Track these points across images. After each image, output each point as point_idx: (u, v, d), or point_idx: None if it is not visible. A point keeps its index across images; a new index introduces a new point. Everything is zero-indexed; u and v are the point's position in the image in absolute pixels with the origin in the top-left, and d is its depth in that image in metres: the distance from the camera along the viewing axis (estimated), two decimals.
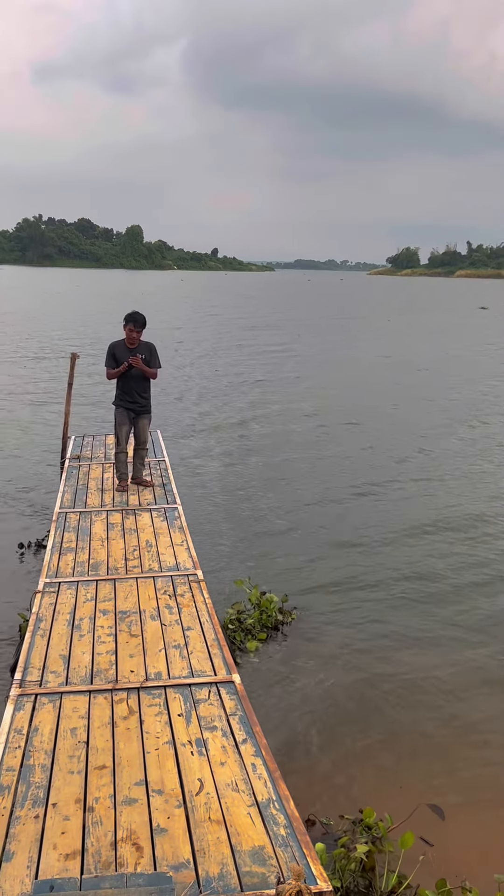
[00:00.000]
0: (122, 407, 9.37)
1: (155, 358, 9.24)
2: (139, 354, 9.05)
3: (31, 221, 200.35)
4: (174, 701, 4.77)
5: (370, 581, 9.09)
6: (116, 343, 9.23)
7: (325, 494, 12.53)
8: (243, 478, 13.54)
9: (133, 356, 9.01)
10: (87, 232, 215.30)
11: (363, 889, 4.40)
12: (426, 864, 4.55)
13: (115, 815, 3.68)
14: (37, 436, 16.16)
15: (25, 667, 5.21)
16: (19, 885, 3.20)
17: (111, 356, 9.20)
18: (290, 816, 3.67)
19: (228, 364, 28.25)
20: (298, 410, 19.71)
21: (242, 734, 4.41)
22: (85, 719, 4.56)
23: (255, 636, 7.52)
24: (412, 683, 6.88)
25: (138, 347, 9.11)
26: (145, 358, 9.09)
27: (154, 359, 9.22)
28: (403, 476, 13.79)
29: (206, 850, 3.42)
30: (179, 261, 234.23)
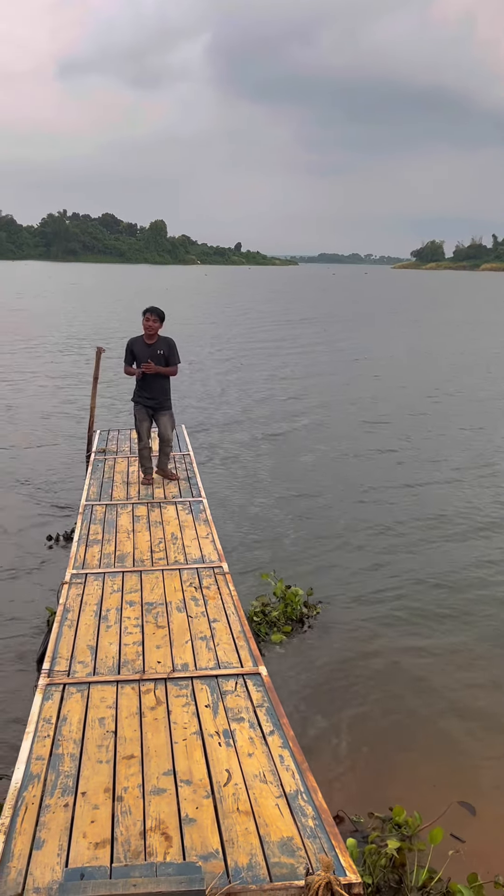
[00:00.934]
0: (139, 403, 9.27)
1: (174, 353, 9.08)
2: (159, 350, 8.91)
3: (56, 217, 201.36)
4: (201, 692, 4.78)
5: (397, 575, 9.05)
6: (134, 339, 9.08)
7: (353, 490, 12.49)
8: (269, 471, 13.53)
9: (146, 362, 8.89)
10: (111, 227, 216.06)
11: (394, 885, 4.38)
12: (457, 860, 4.52)
13: (144, 804, 3.70)
14: (64, 429, 16.26)
15: (53, 657, 5.24)
16: (50, 872, 3.22)
17: (129, 352, 9.06)
18: (319, 808, 3.66)
19: (265, 359, 28.06)
20: (332, 405, 19.59)
21: (270, 726, 4.41)
22: (113, 709, 4.58)
23: (280, 629, 7.52)
24: (441, 679, 6.84)
25: (157, 343, 8.97)
26: (164, 353, 8.94)
27: (173, 354, 9.07)
28: (434, 473, 13.70)
29: (234, 841, 3.43)
30: (203, 255, 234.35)
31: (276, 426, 17.19)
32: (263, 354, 29.45)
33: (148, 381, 9.09)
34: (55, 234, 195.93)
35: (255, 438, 16.02)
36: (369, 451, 15.01)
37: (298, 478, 13.15)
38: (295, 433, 16.55)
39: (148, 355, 8.91)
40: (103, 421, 14.23)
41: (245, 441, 15.79)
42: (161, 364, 9.00)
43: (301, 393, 21.28)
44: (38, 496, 11.76)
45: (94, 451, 11.07)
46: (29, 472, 12.97)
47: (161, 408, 9.24)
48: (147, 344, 8.96)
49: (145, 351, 8.91)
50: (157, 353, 8.94)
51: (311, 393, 21.24)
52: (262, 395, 20.82)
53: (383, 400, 20.40)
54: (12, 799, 3.72)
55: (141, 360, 8.91)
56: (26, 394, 20.25)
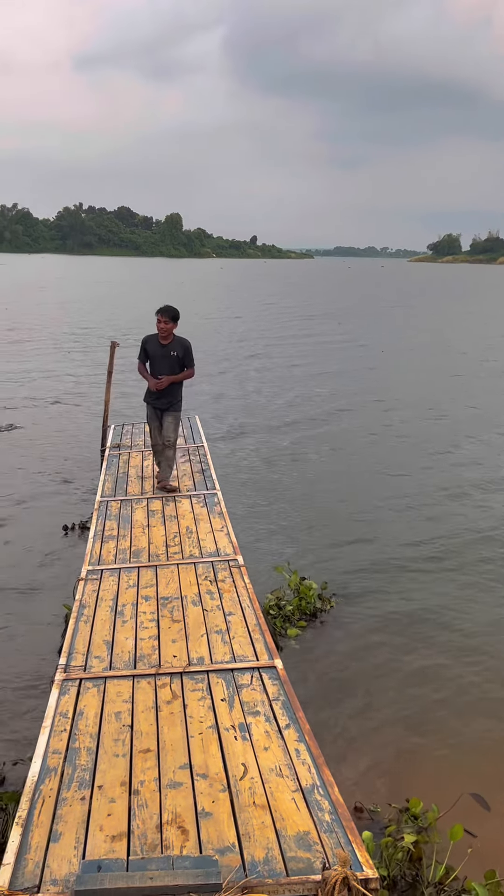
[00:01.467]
0: (149, 404, 8.92)
1: (189, 356, 8.69)
2: (173, 351, 8.57)
3: (72, 210, 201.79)
4: (217, 686, 4.79)
5: (411, 569, 9.03)
6: (149, 337, 8.74)
7: (368, 483, 12.48)
8: (285, 464, 13.52)
9: (158, 378, 8.60)
10: (126, 220, 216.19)
11: (410, 879, 4.37)
12: (474, 856, 4.51)
13: (160, 798, 3.71)
14: (80, 422, 16.32)
15: (70, 652, 5.27)
16: (67, 864, 3.24)
17: (143, 350, 8.74)
18: (335, 802, 3.66)
19: (292, 354, 27.87)
20: (355, 401, 19.49)
21: (285, 719, 4.41)
22: (129, 703, 4.60)
23: (295, 623, 7.52)
24: (455, 672, 6.82)
25: (171, 344, 8.61)
26: (178, 355, 8.59)
27: (188, 357, 8.68)
28: (451, 467, 13.66)
29: (251, 835, 3.43)
30: (218, 248, 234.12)
31: (295, 420, 17.18)
32: (291, 349, 29.15)
33: (161, 376, 8.73)
34: (71, 227, 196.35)
35: (272, 431, 16.01)
36: (389, 448, 14.97)
37: (315, 471, 13.14)
38: (313, 428, 16.52)
39: (161, 356, 8.60)
40: (117, 416, 14.24)
41: (262, 434, 15.79)
42: (175, 366, 8.66)
43: (324, 388, 21.18)
44: (60, 490, 11.84)
45: (109, 446, 11.09)
46: (46, 467, 13.03)
47: (170, 408, 8.87)
48: (161, 344, 8.61)
49: (159, 351, 8.61)
50: (171, 355, 8.60)
51: (334, 388, 21.12)
52: (283, 390, 20.78)
53: (409, 397, 20.15)
54: (29, 792, 3.74)
55: (154, 359, 8.65)
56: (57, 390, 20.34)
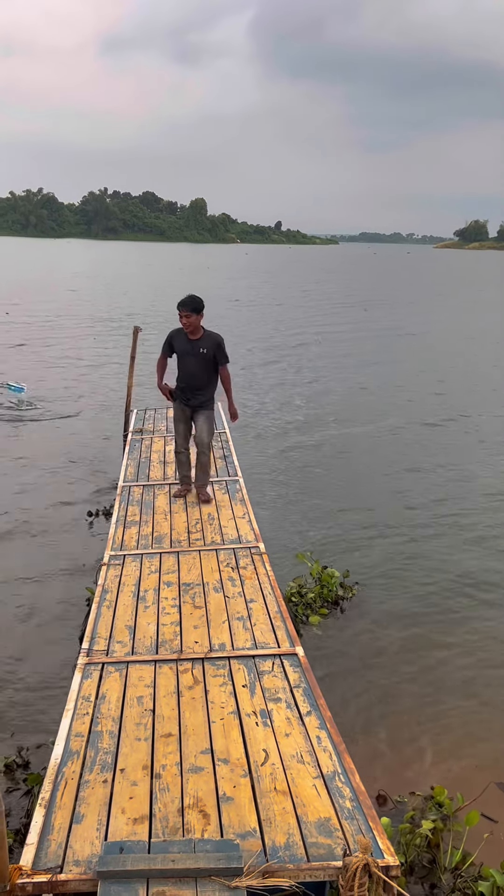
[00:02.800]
0: (179, 401, 8.09)
1: (222, 353, 7.80)
2: (202, 348, 7.72)
3: (97, 195, 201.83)
4: (238, 672, 4.81)
5: (436, 558, 9.00)
6: (176, 332, 7.89)
7: (393, 471, 12.43)
8: (308, 452, 13.51)
9: (169, 389, 8.02)
10: (151, 205, 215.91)
11: (427, 865, 4.39)
12: (492, 842, 4.51)
13: (182, 782, 3.74)
14: (103, 406, 16.40)
15: (92, 636, 5.31)
16: (89, 846, 3.27)
17: (168, 344, 7.93)
18: (356, 790, 3.67)
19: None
20: (390, 391, 19.35)
21: (307, 706, 4.42)
22: (151, 688, 4.63)
23: (316, 611, 7.52)
24: (480, 661, 6.80)
25: (201, 340, 7.76)
26: (207, 352, 7.72)
27: (221, 354, 7.79)
28: (484, 458, 13.57)
29: (272, 820, 3.45)
30: (242, 234, 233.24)
31: (321, 408, 17.12)
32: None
33: (191, 375, 7.88)
34: (96, 212, 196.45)
35: (296, 419, 15.99)
36: (415, 438, 14.89)
37: (339, 459, 13.11)
38: (341, 415, 16.46)
39: (190, 354, 7.76)
40: (140, 401, 14.28)
41: (286, 421, 15.78)
42: (207, 365, 7.84)
43: (371, 377, 21.02)
44: (83, 473, 11.92)
45: (132, 430, 11.13)
46: (69, 450, 13.12)
47: (201, 407, 8.02)
48: (190, 339, 7.76)
49: (187, 348, 7.77)
50: (201, 352, 7.74)
51: (370, 378, 20.92)
52: (331, 379, 20.63)
53: (445, 390, 19.85)
54: (52, 774, 3.79)
55: (182, 358, 7.83)
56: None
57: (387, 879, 3.09)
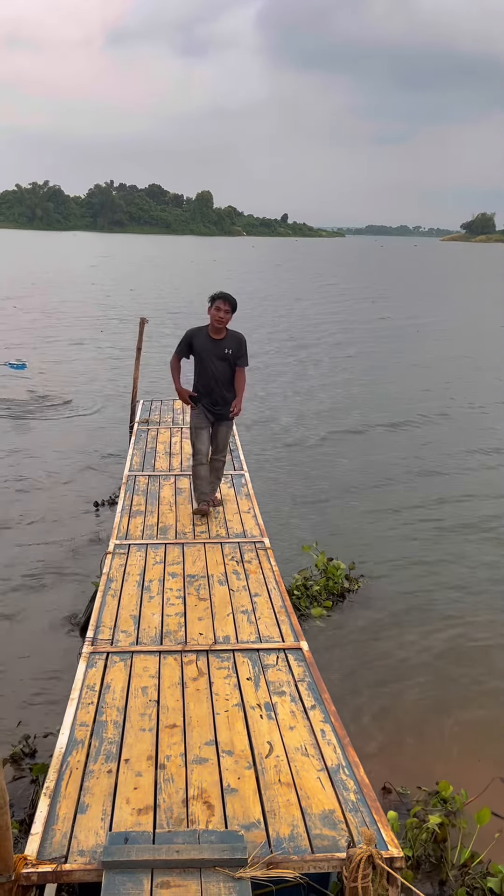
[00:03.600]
0: (203, 406, 7.40)
1: (243, 354, 7.26)
2: (226, 349, 7.15)
3: (103, 187, 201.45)
4: (243, 665, 4.81)
5: (442, 551, 8.99)
6: (196, 331, 7.30)
7: (401, 465, 12.42)
8: (315, 445, 13.50)
9: (190, 394, 7.40)
10: (157, 198, 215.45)
11: (434, 860, 4.39)
12: (501, 840, 4.51)
13: (187, 773, 3.74)
14: (111, 397, 16.41)
15: (97, 626, 5.31)
16: (94, 836, 3.28)
17: (187, 345, 7.30)
18: (361, 782, 3.67)
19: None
20: (405, 386, 19.25)
21: (311, 700, 4.42)
22: (155, 679, 4.63)
23: (321, 603, 7.52)
24: (486, 654, 6.80)
25: (225, 339, 7.19)
26: (231, 352, 7.17)
27: (241, 356, 7.26)
28: (489, 452, 13.55)
29: (276, 812, 3.45)
30: (249, 227, 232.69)
31: (332, 402, 17.12)
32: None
33: (214, 380, 7.26)
34: (102, 204, 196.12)
35: (303, 412, 15.97)
36: (422, 430, 14.86)
37: (346, 452, 13.10)
38: (346, 409, 16.43)
39: (213, 354, 7.19)
40: (146, 392, 14.29)
41: (295, 414, 15.79)
42: (229, 368, 7.27)
43: (374, 371, 20.97)
44: (87, 463, 11.93)
45: (138, 421, 11.14)
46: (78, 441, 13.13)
47: (225, 417, 7.47)
48: (213, 339, 7.18)
49: (210, 347, 7.17)
50: (224, 353, 7.18)
51: (383, 372, 20.85)
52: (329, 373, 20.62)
53: (463, 387, 19.69)
54: (57, 764, 3.79)
55: (203, 359, 7.22)
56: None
57: (390, 871, 3.09)
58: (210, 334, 7.18)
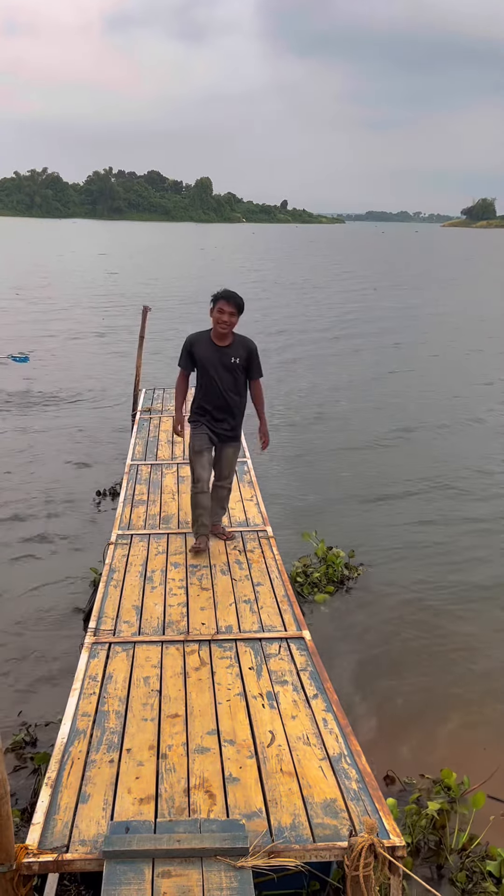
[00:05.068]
0: (200, 424, 6.41)
1: (256, 364, 6.30)
2: (233, 357, 6.18)
3: (102, 174, 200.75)
4: (245, 654, 4.81)
5: (441, 539, 8.99)
6: (197, 337, 6.33)
7: (401, 452, 12.41)
8: (318, 432, 13.49)
9: (183, 426, 6.52)
10: (156, 184, 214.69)
11: (433, 846, 4.40)
12: (499, 824, 4.52)
13: (188, 762, 3.75)
14: (112, 386, 16.39)
15: (99, 616, 5.31)
16: (95, 826, 3.29)
17: (188, 355, 6.32)
18: (362, 771, 3.68)
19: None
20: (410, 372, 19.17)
21: (313, 689, 4.43)
22: (157, 669, 4.64)
23: (323, 589, 7.52)
24: (486, 640, 6.80)
25: (232, 346, 6.20)
26: (239, 362, 6.21)
27: (254, 365, 6.30)
28: (487, 440, 13.53)
29: (277, 801, 3.46)
30: (248, 213, 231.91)
31: (337, 390, 17.06)
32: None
33: (218, 394, 6.29)
34: (101, 191, 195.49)
35: (306, 400, 15.95)
36: (422, 420, 14.83)
37: (348, 440, 13.08)
38: (349, 399, 16.40)
39: (218, 364, 6.20)
40: (148, 380, 14.27)
41: (298, 401, 15.77)
42: (238, 378, 6.30)
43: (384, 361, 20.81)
44: (89, 452, 11.93)
45: (140, 410, 11.13)
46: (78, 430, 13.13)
47: (231, 439, 6.51)
48: (217, 345, 6.20)
49: (214, 356, 6.19)
50: (232, 362, 6.20)
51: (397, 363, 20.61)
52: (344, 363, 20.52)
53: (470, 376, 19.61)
54: (59, 754, 3.80)
55: (207, 369, 6.24)
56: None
57: (392, 860, 3.10)
58: (213, 340, 6.21)
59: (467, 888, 4.11)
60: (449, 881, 4.20)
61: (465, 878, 4.17)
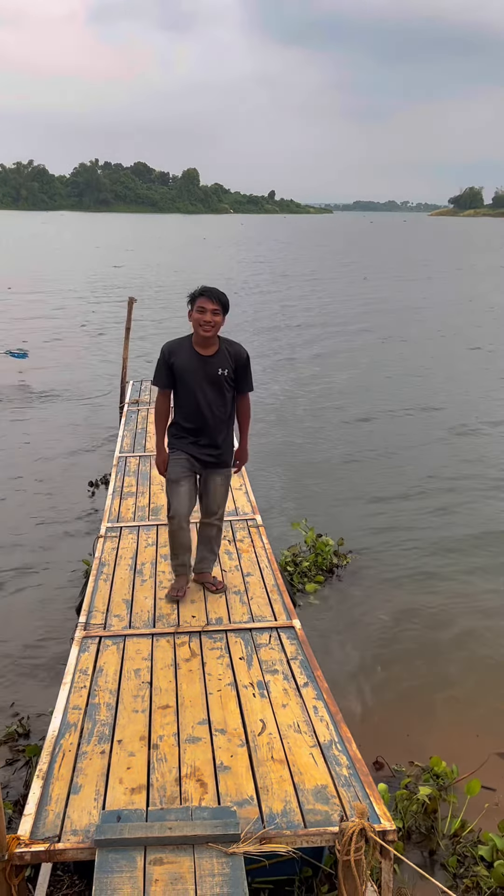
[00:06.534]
0: (179, 451, 5.30)
1: (246, 376, 5.28)
2: (220, 368, 5.13)
3: (88, 166, 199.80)
4: (235, 645, 4.83)
5: (429, 525, 9.02)
6: (175, 345, 5.22)
7: (387, 440, 12.43)
8: (307, 421, 13.51)
9: (163, 444, 5.41)
10: (143, 176, 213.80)
11: (424, 831, 4.44)
12: (491, 811, 4.56)
13: (180, 752, 3.77)
14: (101, 377, 16.37)
15: (90, 610, 5.32)
16: (87, 816, 3.31)
17: (165, 367, 5.18)
18: (353, 758, 3.71)
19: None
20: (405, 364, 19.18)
21: (304, 678, 4.45)
22: (148, 661, 4.65)
23: (312, 578, 7.54)
24: (477, 627, 6.83)
25: (217, 355, 5.16)
26: (227, 374, 5.17)
27: (244, 377, 5.27)
28: (474, 427, 13.58)
29: (269, 788, 3.49)
30: (236, 204, 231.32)
31: (327, 378, 17.09)
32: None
33: (200, 412, 5.20)
34: (87, 183, 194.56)
35: (292, 386, 15.96)
36: (409, 407, 14.85)
37: (337, 428, 13.11)
38: (336, 386, 16.41)
39: (201, 375, 5.14)
40: (135, 372, 14.25)
41: (287, 387, 15.79)
42: (224, 391, 5.22)
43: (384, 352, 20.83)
44: (84, 443, 11.92)
45: (128, 401, 11.12)
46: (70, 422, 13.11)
47: (218, 465, 5.38)
48: (199, 355, 5.14)
49: (196, 367, 5.14)
50: (217, 374, 5.15)
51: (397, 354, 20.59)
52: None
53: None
54: (49, 746, 3.81)
55: (186, 382, 5.15)
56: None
57: (383, 843, 3.13)
58: (195, 348, 5.16)
59: (459, 872, 4.14)
60: (441, 866, 4.23)
61: (456, 862, 4.20)
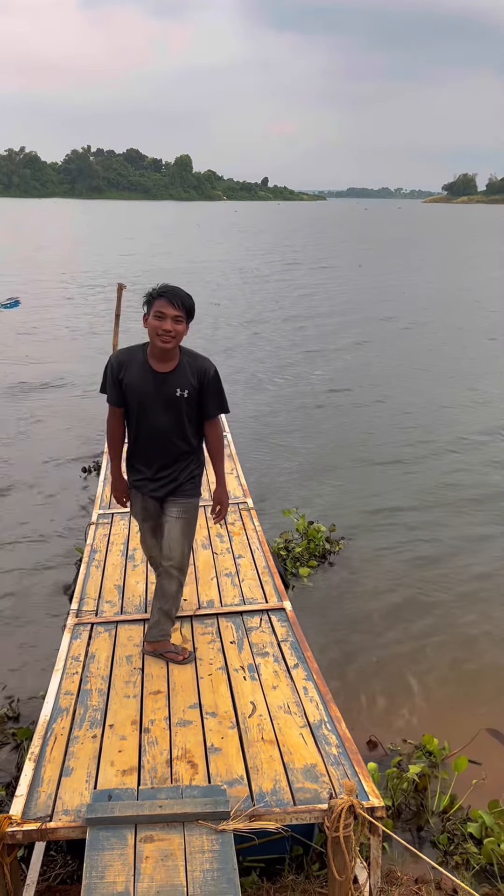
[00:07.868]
0: (136, 489, 4.55)
1: (215, 396, 4.30)
2: (178, 389, 4.19)
3: (80, 153, 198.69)
4: (226, 629, 4.87)
5: (420, 510, 9.05)
6: (126, 357, 4.30)
7: (379, 426, 12.45)
8: (299, 405, 13.52)
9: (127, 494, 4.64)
10: (135, 162, 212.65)
11: (414, 809, 4.48)
12: (480, 787, 4.61)
13: (171, 735, 3.81)
14: (93, 365, 16.33)
15: (81, 597, 5.35)
16: (78, 797, 3.34)
17: (114, 381, 4.27)
18: (342, 737, 3.75)
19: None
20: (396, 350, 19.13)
21: (294, 659, 4.49)
22: (139, 647, 4.67)
23: (305, 563, 7.57)
24: (467, 609, 6.88)
25: (177, 371, 4.21)
26: (188, 395, 4.21)
27: (213, 398, 4.30)
28: (466, 410, 13.61)
29: (259, 768, 3.53)
30: (229, 191, 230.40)
31: (313, 361, 17.08)
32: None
33: (156, 439, 4.35)
34: (79, 170, 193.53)
35: (281, 372, 15.96)
36: (400, 392, 14.87)
37: (329, 414, 13.12)
38: (328, 372, 16.40)
39: (155, 396, 4.22)
40: None
41: (278, 371, 15.81)
42: (182, 417, 4.28)
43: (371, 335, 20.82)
44: (76, 431, 11.93)
45: None
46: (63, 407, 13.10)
47: (178, 493, 4.46)
48: (154, 371, 4.20)
49: (149, 385, 4.21)
50: (176, 395, 4.21)
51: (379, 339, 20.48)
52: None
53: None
54: (41, 730, 3.85)
55: (139, 403, 4.26)
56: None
57: (372, 820, 3.17)
58: (150, 362, 4.21)
59: (448, 849, 4.19)
60: (430, 843, 4.28)
61: (446, 839, 4.25)
